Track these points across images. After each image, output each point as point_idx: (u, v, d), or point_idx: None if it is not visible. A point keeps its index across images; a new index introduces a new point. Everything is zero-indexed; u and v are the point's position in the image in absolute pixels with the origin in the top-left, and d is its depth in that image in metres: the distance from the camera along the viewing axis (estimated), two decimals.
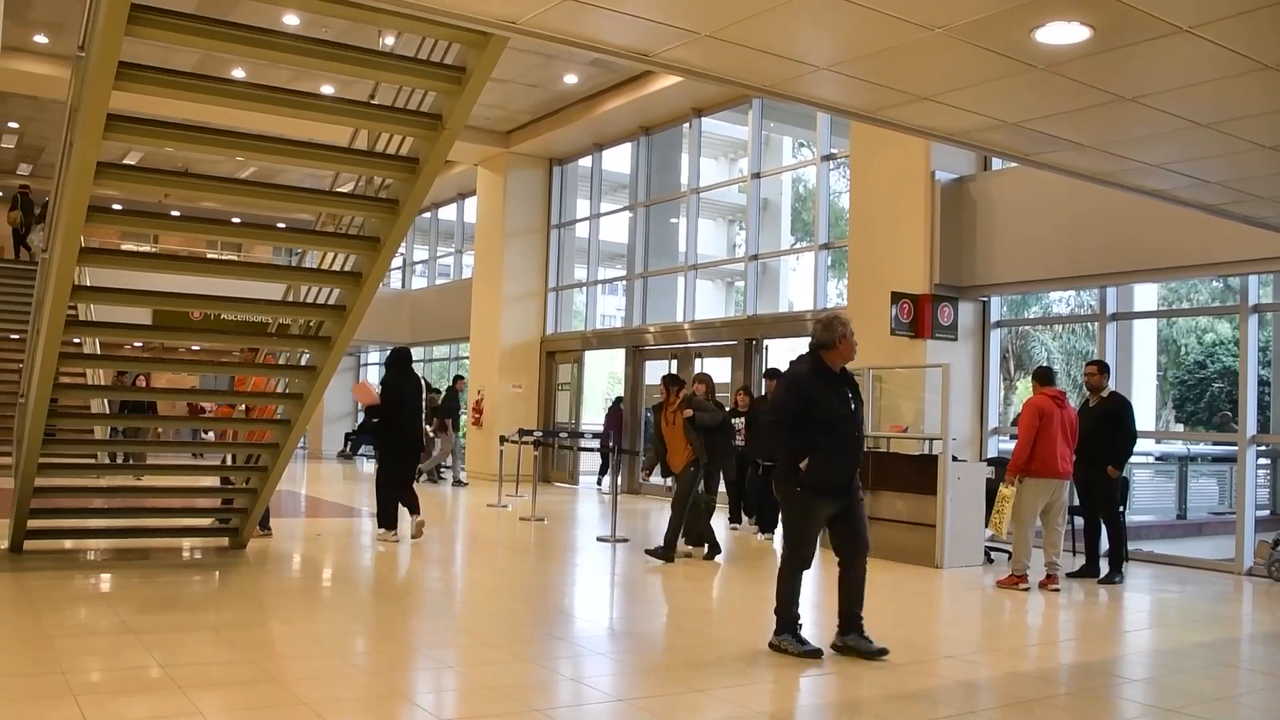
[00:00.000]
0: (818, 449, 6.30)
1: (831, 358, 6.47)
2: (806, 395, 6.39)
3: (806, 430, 6.32)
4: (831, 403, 6.39)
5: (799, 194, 21.71)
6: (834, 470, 6.37)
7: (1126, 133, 6.49)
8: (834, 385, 6.47)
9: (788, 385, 6.61)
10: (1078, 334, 19.76)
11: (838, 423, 6.37)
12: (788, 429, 6.40)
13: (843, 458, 6.42)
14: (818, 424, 6.32)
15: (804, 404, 6.37)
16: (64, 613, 7.23)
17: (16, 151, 24.30)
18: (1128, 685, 6.39)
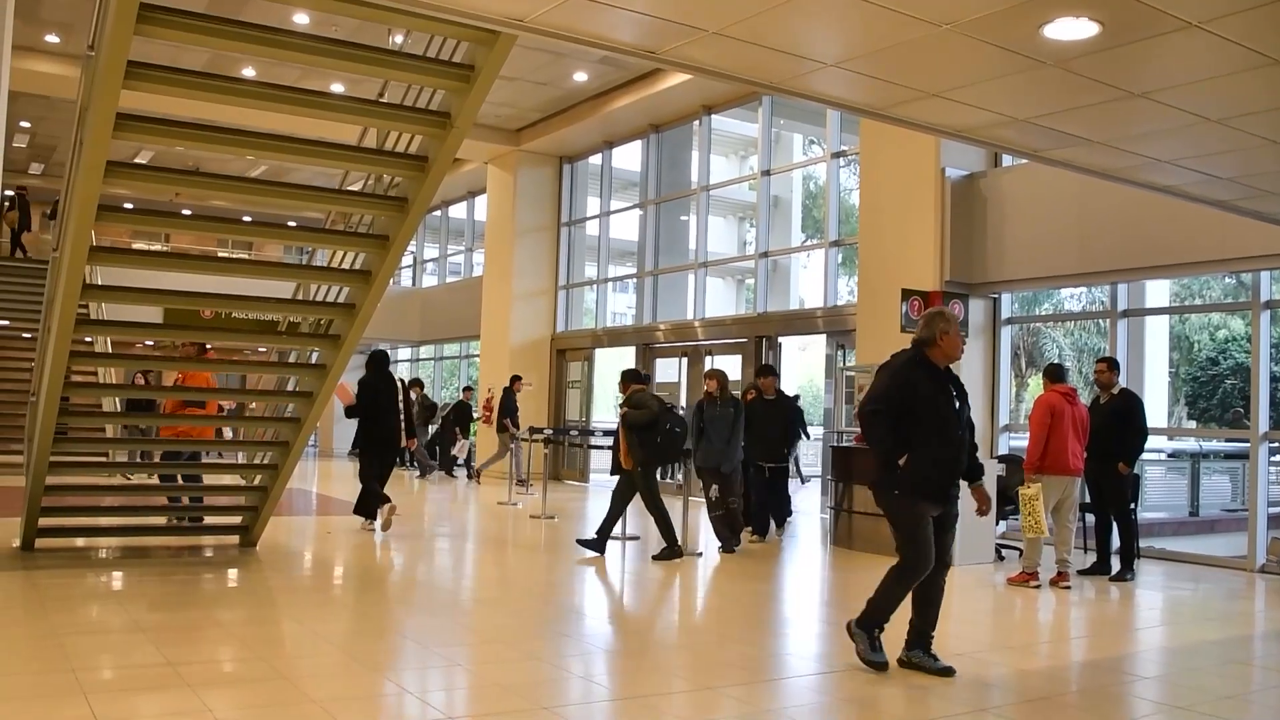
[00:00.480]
0: (919, 448, 5.92)
1: (934, 355, 6.08)
2: (909, 384, 5.97)
3: (904, 425, 5.94)
4: (935, 399, 5.99)
5: (809, 191, 21.67)
6: (936, 472, 5.96)
7: (1136, 128, 6.47)
8: (938, 382, 6.07)
9: (890, 373, 6.14)
10: (1089, 331, 19.70)
11: (941, 421, 5.97)
12: (886, 419, 5.98)
13: (945, 459, 6.00)
14: (919, 421, 5.93)
15: (904, 394, 5.95)
16: (74, 610, 7.25)
17: (28, 151, 24.38)
18: (1139, 683, 6.37)
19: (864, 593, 9.14)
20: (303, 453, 9.65)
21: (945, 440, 6.00)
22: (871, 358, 12.84)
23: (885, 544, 10.75)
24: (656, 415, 10.32)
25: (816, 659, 6.82)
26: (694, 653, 6.83)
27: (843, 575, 10.22)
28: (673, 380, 18.51)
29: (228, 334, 16.03)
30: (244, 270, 13.29)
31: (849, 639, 6.20)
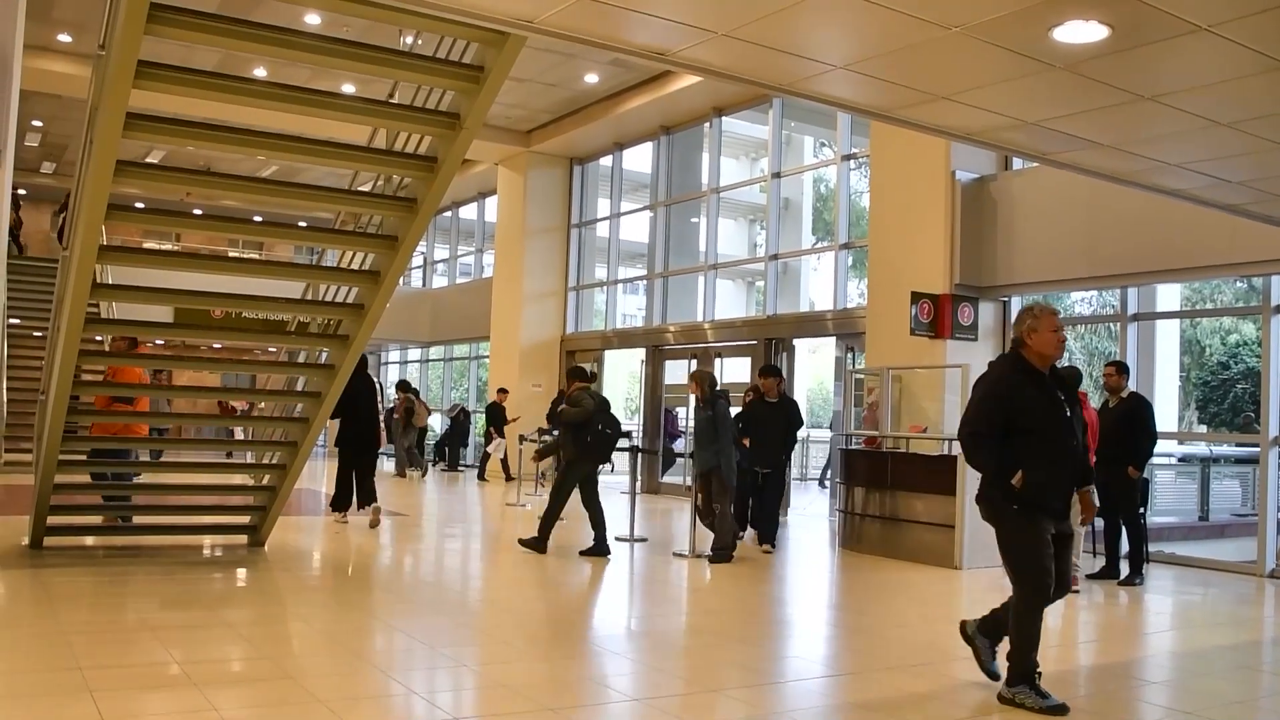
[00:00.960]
0: (1031, 461, 5.36)
1: (1030, 355, 5.54)
2: (1005, 398, 5.44)
3: (1012, 440, 5.40)
4: (1040, 406, 5.44)
5: (820, 194, 21.66)
6: (1052, 485, 5.41)
7: (1146, 132, 6.45)
8: (1041, 386, 5.50)
9: (985, 388, 5.60)
10: (1100, 334, 19.65)
11: (1051, 429, 5.42)
12: (989, 439, 5.45)
13: (1061, 470, 5.45)
14: (1027, 431, 5.39)
15: (1004, 408, 5.43)
16: (82, 609, 7.28)
17: (40, 150, 24.47)
18: (1147, 688, 6.35)
19: (871, 595, 9.18)
20: (311, 453, 9.66)
21: (1057, 449, 5.43)
22: (881, 360, 12.84)
23: (900, 545, 10.86)
24: (589, 415, 10.43)
25: (822, 662, 6.81)
26: (699, 655, 6.83)
27: (850, 578, 10.21)
28: (681, 382, 18.49)
29: (237, 334, 16.07)
30: (253, 270, 13.33)
31: (1011, 707, 5.47)
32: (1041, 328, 5.49)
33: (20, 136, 22.13)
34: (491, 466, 20.12)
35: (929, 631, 7.68)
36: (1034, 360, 5.53)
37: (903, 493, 10.87)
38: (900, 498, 10.89)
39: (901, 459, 11.36)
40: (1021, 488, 5.35)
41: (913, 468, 11.05)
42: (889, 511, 11.05)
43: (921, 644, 7.15)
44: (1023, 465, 5.35)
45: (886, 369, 12.23)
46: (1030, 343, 5.52)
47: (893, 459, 11.39)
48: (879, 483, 11.21)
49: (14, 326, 18.69)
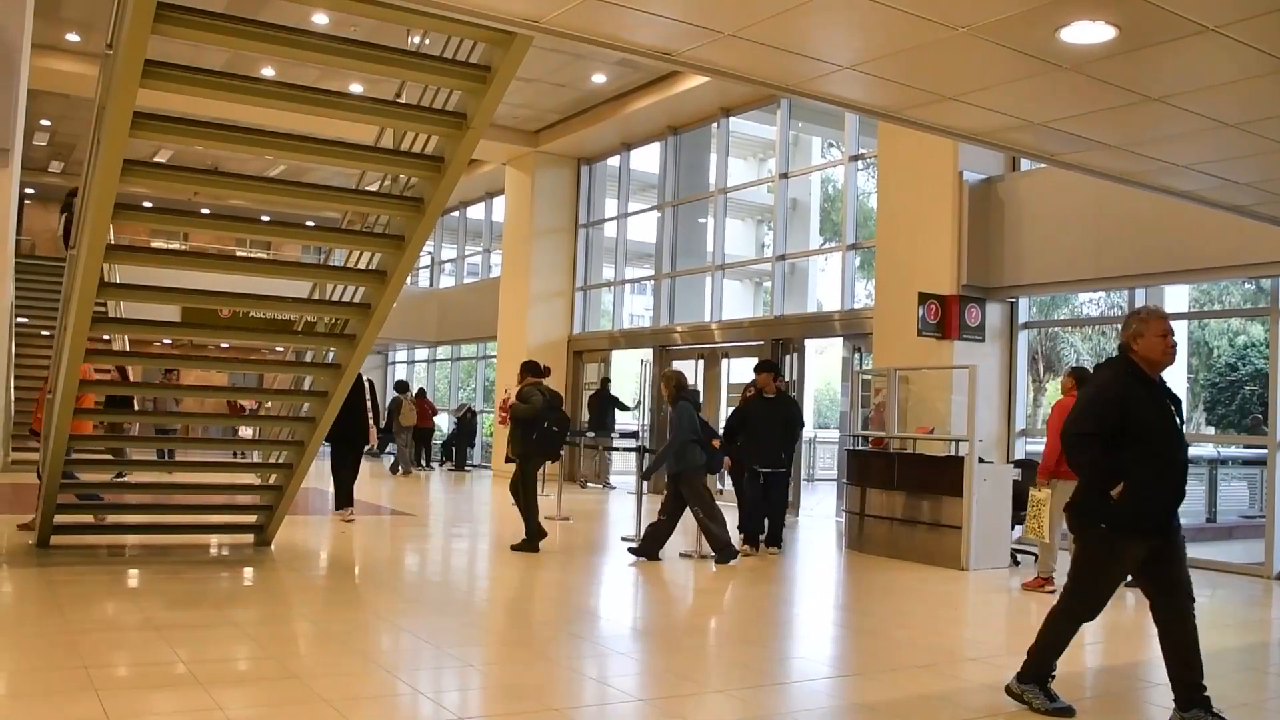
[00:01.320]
0: (1135, 472, 5.08)
1: (1139, 361, 5.23)
2: (1117, 400, 5.12)
3: (1117, 448, 5.11)
4: (1149, 415, 5.12)
5: (828, 194, 21.64)
6: (1154, 500, 5.14)
7: (1153, 133, 6.44)
8: (1153, 394, 5.20)
9: (1095, 389, 5.31)
10: (1108, 336, 19.61)
11: (1159, 440, 5.12)
12: (1096, 443, 5.14)
13: (1165, 485, 5.16)
14: (1135, 440, 5.08)
15: (1115, 411, 5.11)
16: (88, 608, 7.29)
17: (48, 149, 24.52)
18: (1154, 689, 6.32)
19: (878, 596, 9.17)
20: (318, 452, 9.67)
21: (1163, 463, 5.14)
22: (888, 361, 12.83)
23: (906, 546, 10.84)
24: (537, 412, 10.46)
25: (827, 663, 6.81)
26: (705, 655, 6.83)
27: (856, 579, 10.20)
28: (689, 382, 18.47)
29: (244, 333, 16.08)
30: (260, 269, 13.32)
31: (1015, 702, 5.43)
32: (1148, 332, 5.18)
33: (28, 135, 22.15)
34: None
35: (935, 633, 7.67)
36: (1144, 366, 5.22)
37: (910, 494, 10.86)
38: (907, 499, 10.87)
39: (909, 460, 11.35)
40: (1119, 500, 5.08)
41: (920, 469, 11.04)
42: (896, 512, 11.03)
43: (928, 645, 7.14)
44: (1126, 476, 5.08)
45: (893, 369, 12.21)
46: (1137, 348, 5.21)
47: (900, 460, 11.38)
48: (886, 484, 11.19)
49: (21, 325, 18.75)
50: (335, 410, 9.03)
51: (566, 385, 21.08)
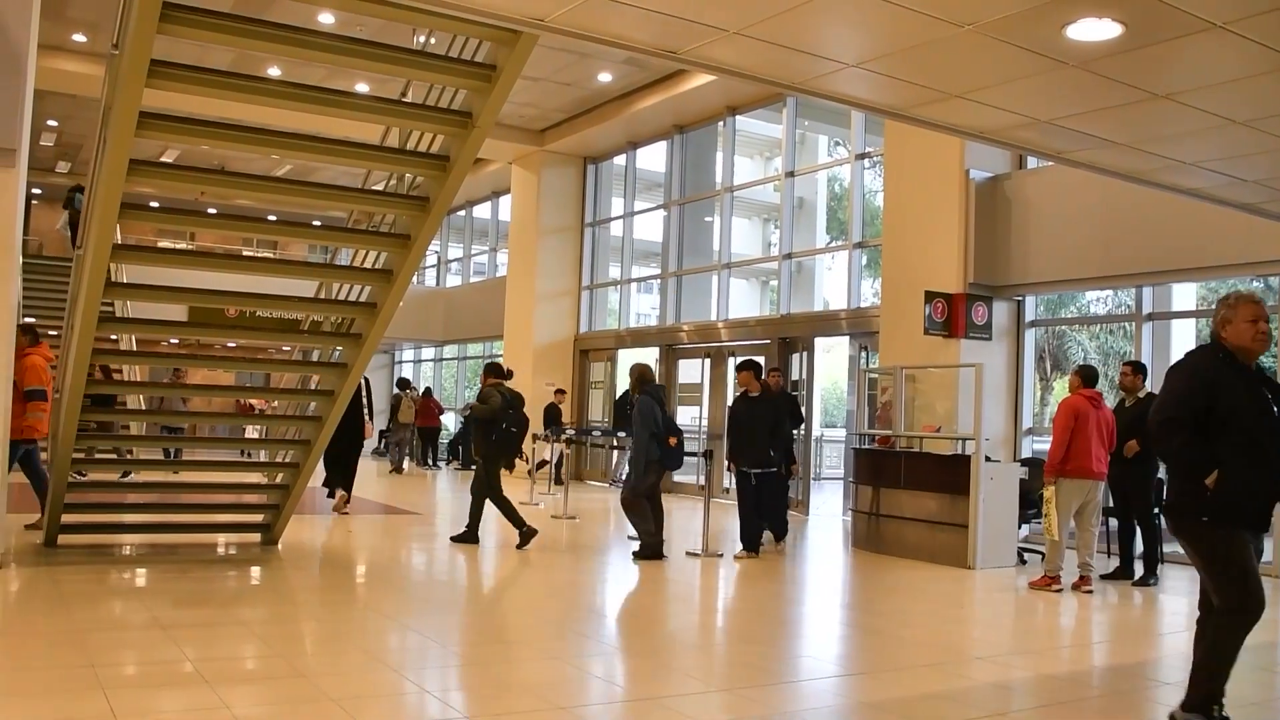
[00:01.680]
0: (1229, 461, 4.75)
1: (1231, 347, 4.92)
2: (1206, 385, 4.83)
3: (1209, 436, 4.81)
4: (1243, 402, 4.82)
5: (834, 193, 21.62)
6: (1250, 493, 4.79)
7: (1160, 130, 6.43)
8: (1246, 382, 4.90)
9: (1182, 374, 5.00)
10: (1116, 334, 19.57)
11: (1255, 427, 4.80)
12: (1184, 428, 4.82)
13: (1262, 477, 4.80)
14: (1227, 427, 4.79)
15: (1204, 395, 4.81)
16: (96, 607, 7.30)
17: (55, 149, 24.56)
18: (1161, 688, 6.30)
19: (884, 595, 9.16)
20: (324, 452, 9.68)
21: (1261, 455, 4.79)
22: (894, 359, 12.81)
23: (913, 544, 10.82)
24: (494, 412, 10.58)
25: (834, 661, 6.80)
26: (711, 654, 6.83)
27: (862, 577, 10.18)
28: (695, 381, 18.49)
29: (251, 332, 16.10)
30: (266, 269, 13.35)
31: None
32: (1236, 318, 4.89)
33: (35, 136, 22.21)
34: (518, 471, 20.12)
35: (942, 632, 7.66)
36: (1236, 353, 4.92)
37: (916, 492, 10.85)
38: (913, 497, 10.86)
39: (915, 458, 11.33)
40: (1214, 490, 4.74)
41: (926, 467, 11.03)
42: (902, 511, 11.01)
43: (934, 644, 7.13)
44: (1220, 465, 4.75)
45: (900, 368, 12.20)
46: (1226, 335, 4.93)
47: (906, 458, 11.36)
48: (892, 482, 11.18)
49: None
50: (342, 409, 9.04)
51: (573, 384, 21.09)
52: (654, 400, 10.25)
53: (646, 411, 10.12)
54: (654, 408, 10.18)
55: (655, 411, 10.17)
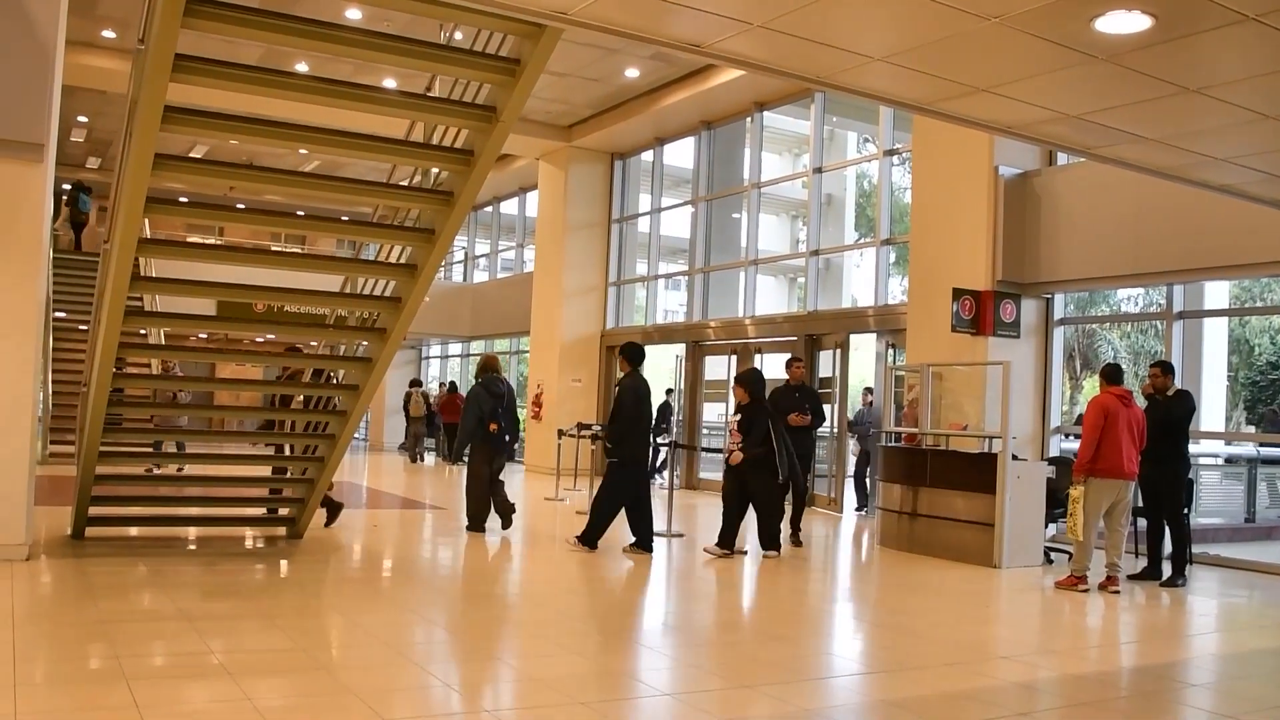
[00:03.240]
0: None
1: None
2: None
3: None
4: None
5: (863, 189, 21.54)
6: None
7: (1192, 125, 6.35)
8: None
9: None
10: (1146, 333, 19.42)
11: None
12: None
13: None
14: None
15: None
16: (121, 599, 7.35)
17: (85, 145, 24.73)
18: (1188, 690, 6.25)
19: (909, 593, 9.10)
20: (350, 446, 9.70)
21: None
22: (921, 357, 12.73)
23: (939, 543, 10.75)
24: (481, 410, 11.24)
25: (857, 659, 6.76)
26: (734, 650, 6.79)
27: (887, 576, 10.12)
28: (720, 378, 18.46)
29: (278, 327, 16.12)
30: (291, 264, 13.38)
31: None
32: None
33: (66, 132, 22.38)
34: (544, 466, 20.24)
35: (966, 631, 7.61)
36: None
37: (942, 490, 10.78)
38: (939, 495, 10.79)
39: (941, 456, 11.27)
40: None
41: (953, 465, 10.96)
42: (929, 509, 10.95)
43: (958, 642, 7.08)
44: None
45: (926, 366, 12.12)
46: None
47: (932, 456, 11.30)
48: (918, 480, 11.12)
49: (59, 320, 18.94)
50: (367, 403, 9.05)
51: (599, 381, 21.08)
52: (484, 389, 11.29)
53: (472, 399, 11.40)
54: (481, 395, 11.28)
55: (481, 399, 11.21)
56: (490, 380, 11.36)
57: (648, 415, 10.51)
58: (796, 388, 11.86)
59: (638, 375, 10.41)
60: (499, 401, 11.26)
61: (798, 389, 11.84)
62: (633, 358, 10.44)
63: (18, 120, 8.03)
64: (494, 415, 11.13)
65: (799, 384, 11.97)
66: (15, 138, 8.04)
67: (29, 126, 8.08)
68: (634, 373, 10.39)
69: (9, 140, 8.01)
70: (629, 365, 10.43)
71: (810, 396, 11.89)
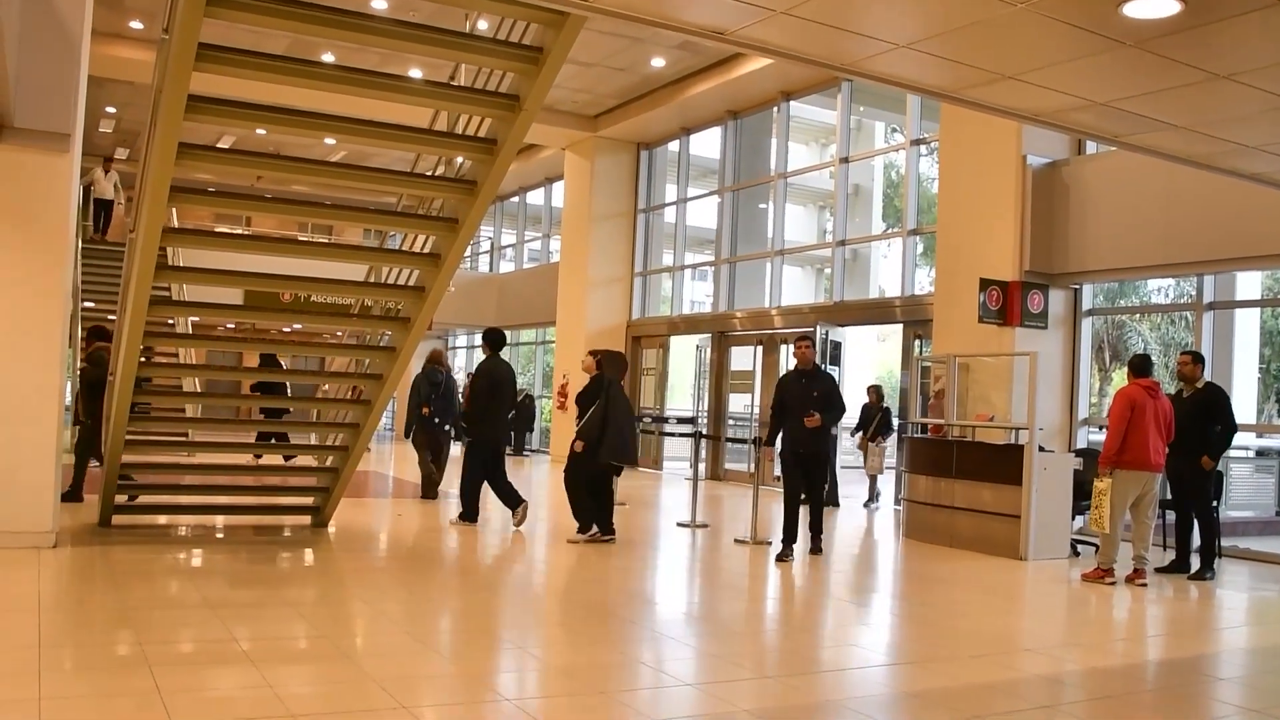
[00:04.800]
0: None
1: None
2: None
3: None
4: None
5: (891, 180, 21.44)
6: None
7: (1221, 112, 6.26)
8: None
9: None
10: (1177, 324, 19.25)
11: None
12: None
13: None
14: None
15: None
16: (145, 586, 7.39)
17: (114, 136, 24.87)
18: (1215, 684, 6.19)
19: (934, 585, 9.05)
20: (374, 435, 9.72)
21: None
22: (948, 348, 12.66)
23: (965, 534, 10.70)
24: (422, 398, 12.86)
25: (882, 651, 6.72)
26: (757, 641, 6.77)
27: (913, 567, 10.07)
28: (747, 368, 18.42)
29: (303, 316, 16.21)
30: (314, 253, 13.43)
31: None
32: None
33: (94, 123, 22.50)
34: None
35: (991, 623, 7.56)
36: None
37: (968, 482, 10.72)
38: (966, 487, 10.73)
39: (967, 448, 11.20)
40: None
41: (979, 457, 10.89)
42: (954, 501, 10.89)
43: (983, 635, 7.03)
44: None
45: (953, 356, 12.05)
46: None
47: (958, 448, 11.23)
48: (944, 472, 11.06)
49: (88, 310, 19.06)
50: (390, 393, 9.07)
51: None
52: (425, 378, 12.96)
53: (414, 386, 13.08)
54: (421, 383, 12.99)
55: (421, 386, 12.95)
56: (431, 371, 13.01)
57: (501, 398, 11.03)
58: (805, 374, 9.87)
59: (495, 360, 10.95)
60: (435, 389, 12.94)
61: (805, 375, 9.85)
62: (493, 343, 11.03)
63: (44, 110, 8.08)
64: (429, 400, 12.90)
65: (809, 369, 9.90)
66: (42, 128, 8.08)
67: (55, 116, 8.12)
68: (493, 357, 10.94)
69: (35, 130, 8.06)
70: (489, 350, 10.98)
71: (822, 383, 9.88)
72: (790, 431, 9.73)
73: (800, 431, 9.62)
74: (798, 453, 9.69)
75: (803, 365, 9.89)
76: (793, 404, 9.73)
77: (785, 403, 9.82)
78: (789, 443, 9.75)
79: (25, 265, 8.11)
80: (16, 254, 8.10)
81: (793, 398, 9.78)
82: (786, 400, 9.82)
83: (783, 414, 9.82)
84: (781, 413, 9.85)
